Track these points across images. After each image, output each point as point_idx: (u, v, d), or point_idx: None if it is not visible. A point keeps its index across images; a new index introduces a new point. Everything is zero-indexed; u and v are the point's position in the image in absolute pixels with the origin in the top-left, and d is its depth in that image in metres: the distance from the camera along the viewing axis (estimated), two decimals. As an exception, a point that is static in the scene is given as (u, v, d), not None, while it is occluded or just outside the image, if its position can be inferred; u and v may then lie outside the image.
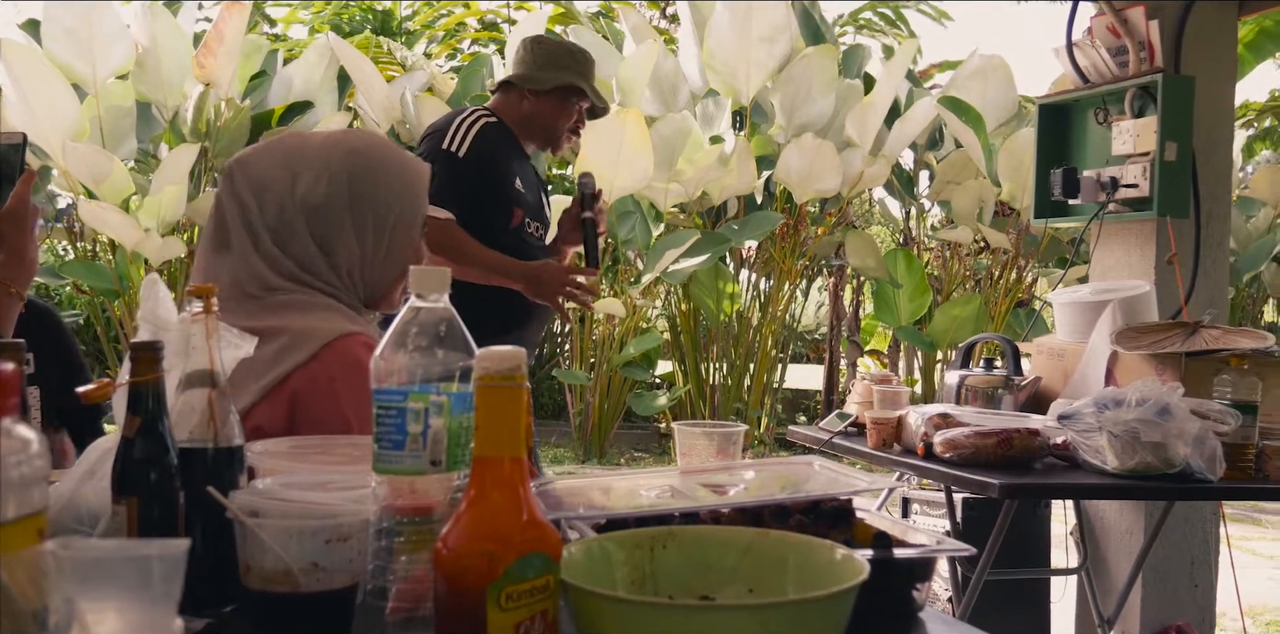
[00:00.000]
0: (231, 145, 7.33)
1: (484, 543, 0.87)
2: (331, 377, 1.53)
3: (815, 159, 7.10)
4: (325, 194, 1.62)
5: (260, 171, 1.64)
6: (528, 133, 3.15)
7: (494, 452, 0.90)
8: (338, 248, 1.64)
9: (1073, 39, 3.53)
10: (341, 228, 1.64)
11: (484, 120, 3.07)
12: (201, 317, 1.15)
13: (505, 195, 3.04)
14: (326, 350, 1.54)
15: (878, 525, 1.24)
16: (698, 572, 1.03)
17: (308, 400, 1.53)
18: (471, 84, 7.94)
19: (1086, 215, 3.49)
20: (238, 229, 1.62)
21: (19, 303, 1.76)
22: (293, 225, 1.62)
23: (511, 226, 3.04)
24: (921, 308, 7.85)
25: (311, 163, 1.65)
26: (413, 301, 1.06)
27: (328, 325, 1.57)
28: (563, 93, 3.13)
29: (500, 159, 3.04)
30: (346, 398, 1.52)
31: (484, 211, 2.99)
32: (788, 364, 8.97)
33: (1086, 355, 2.98)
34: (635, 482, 1.42)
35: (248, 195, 1.63)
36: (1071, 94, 3.57)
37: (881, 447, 2.80)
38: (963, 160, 7.55)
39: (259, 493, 1.05)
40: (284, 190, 1.62)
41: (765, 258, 8.24)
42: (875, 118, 7.29)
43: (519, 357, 0.91)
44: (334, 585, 0.99)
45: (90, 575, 0.72)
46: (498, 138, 3.07)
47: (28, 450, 0.68)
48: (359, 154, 1.67)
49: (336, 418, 1.51)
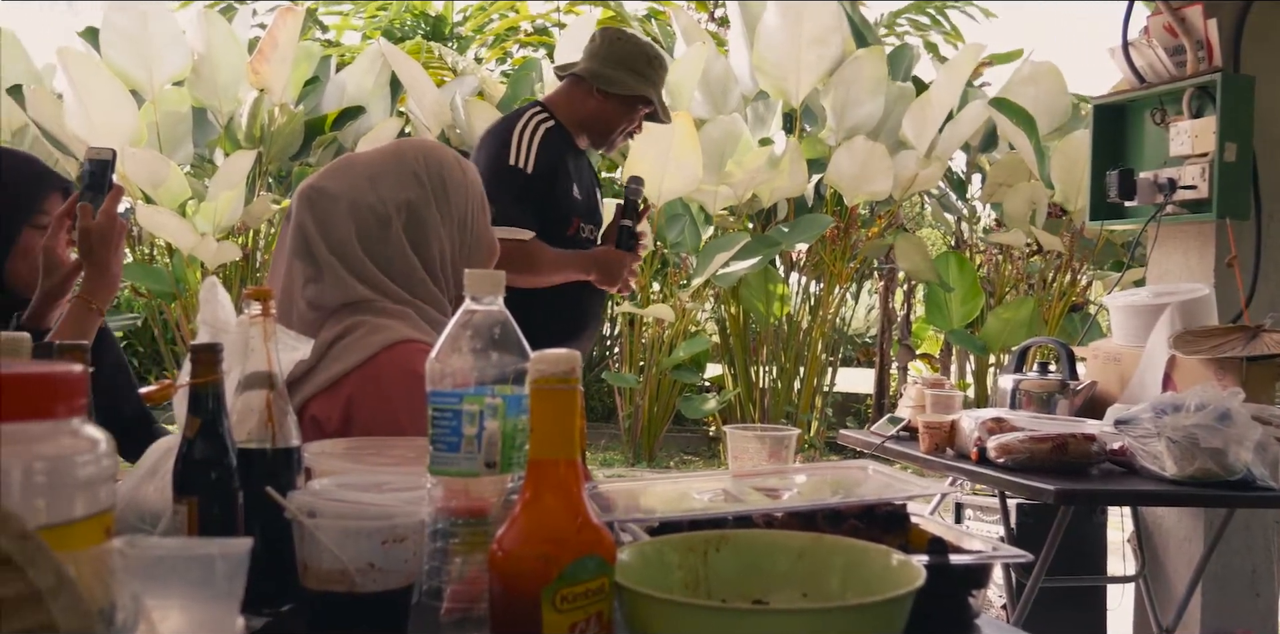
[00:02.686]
0: (285, 150, 7.41)
1: (539, 545, 0.88)
2: (386, 381, 1.55)
3: (866, 161, 7.06)
4: (412, 194, 1.68)
5: (343, 190, 1.68)
6: (584, 130, 3.07)
7: (549, 454, 0.91)
8: (430, 244, 1.69)
9: (1128, 39, 3.49)
10: (432, 224, 1.69)
11: (543, 127, 2.98)
12: (260, 319, 1.16)
13: (565, 206, 2.99)
14: (384, 354, 1.57)
15: (933, 531, 1.23)
16: (751, 576, 1.03)
17: (362, 402, 1.55)
18: (521, 88, 7.98)
19: (1143, 217, 3.45)
20: (323, 252, 1.64)
21: (99, 318, 1.78)
22: (385, 232, 1.66)
23: (568, 234, 3.01)
24: (973, 311, 7.78)
25: (391, 170, 1.70)
26: (467, 304, 1.06)
27: (384, 333, 1.59)
28: (631, 99, 3.04)
29: (561, 169, 2.98)
30: (400, 403, 1.54)
31: (545, 223, 2.94)
32: (838, 368, 8.93)
33: (1144, 359, 2.94)
34: (687, 485, 1.42)
35: (336, 215, 1.65)
36: (1127, 94, 3.53)
37: (934, 451, 2.78)
38: (1015, 162, 7.48)
39: (316, 493, 1.06)
40: (373, 201, 1.66)
41: (815, 261, 8.21)
42: (933, 120, 7.24)
43: (574, 360, 0.91)
44: (390, 586, 1.00)
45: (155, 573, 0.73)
46: (558, 144, 3.00)
47: (96, 450, 0.69)
48: (432, 155, 1.74)
49: (390, 423, 1.53)
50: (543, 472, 0.90)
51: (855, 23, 8.11)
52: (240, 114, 7.40)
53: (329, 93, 7.92)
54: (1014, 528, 3.29)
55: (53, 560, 0.58)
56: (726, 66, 7.89)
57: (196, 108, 7.39)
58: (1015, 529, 3.29)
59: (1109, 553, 3.59)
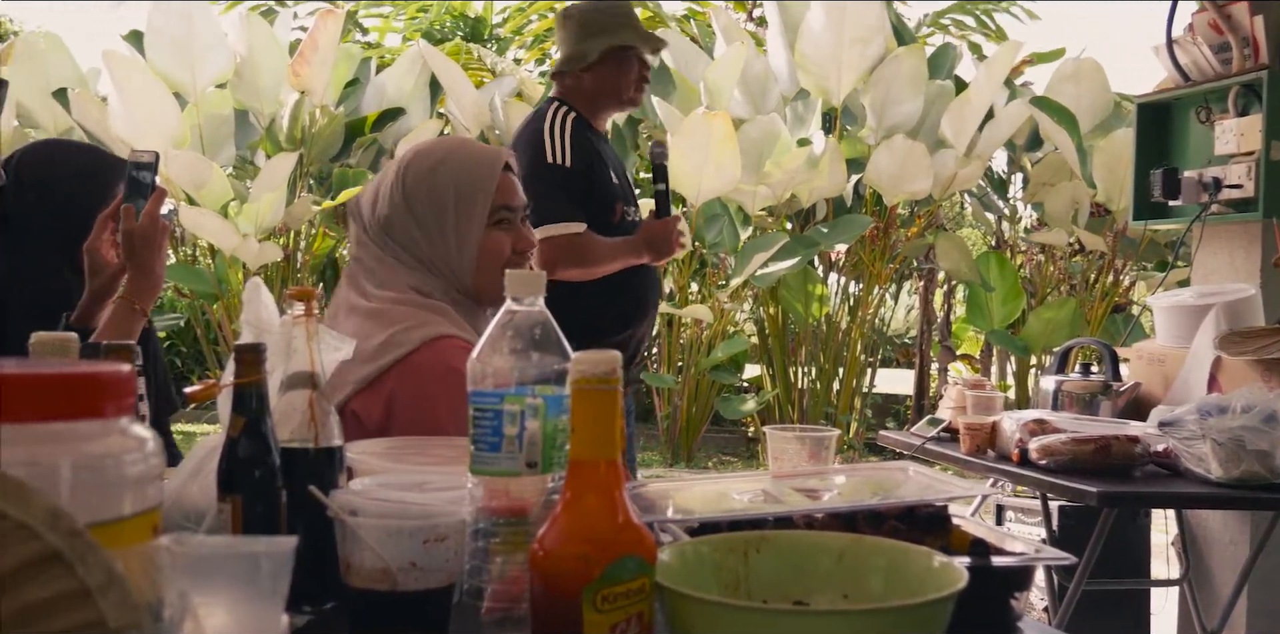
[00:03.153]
0: (326, 152, 7.47)
1: (580, 545, 0.88)
2: (427, 377, 1.57)
3: (906, 160, 7.02)
4: (389, 204, 1.74)
5: (360, 203, 1.80)
6: (601, 107, 3.09)
7: (590, 454, 0.91)
8: (417, 250, 1.74)
9: (1173, 36, 3.45)
10: (409, 230, 1.74)
11: (569, 119, 3.02)
12: (302, 320, 1.17)
13: (607, 193, 3.01)
14: (423, 349, 1.60)
15: (975, 532, 1.23)
16: (791, 577, 1.03)
17: (403, 398, 1.57)
18: (560, 89, 7.99)
19: (1187, 217, 3.41)
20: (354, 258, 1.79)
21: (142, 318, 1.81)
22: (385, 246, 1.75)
23: (614, 221, 3.01)
24: (1014, 312, 7.72)
25: (379, 186, 1.79)
26: (508, 304, 1.07)
27: (422, 329, 1.63)
28: (610, 56, 3.05)
29: (596, 158, 3.01)
30: (441, 399, 1.56)
31: (591, 213, 2.96)
32: (877, 368, 8.89)
33: (1189, 360, 2.91)
34: (727, 485, 1.42)
35: (356, 227, 1.80)
36: (1172, 92, 3.49)
37: (975, 452, 2.76)
38: (1057, 162, 7.42)
39: (358, 493, 1.07)
40: (368, 218, 1.77)
41: (854, 261, 8.18)
42: (972, 118, 7.19)
43: (615, 360, 0.91)
44: (431, 585, 1.01)
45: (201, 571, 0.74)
46: (583, 135, 3.03)
47: (144, 449, 0.70)
48: (413, 160, 1.78)
49: (430, 419, 1.55)
50: (584, 472, 0.90)
51: (894, 21, 8.07)
52: (281, 116, 7.46)
53: (369, 94, 7.97)
54: (1056, 530, 3.26)
55: (103, 557, 0.59)
56: (766, 66, 7.87)
57: (238, 110, 7.46)
58: (1057, 531, 3.26)
59: (1153, 556, 3.55)
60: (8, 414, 0.67)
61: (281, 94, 7.43)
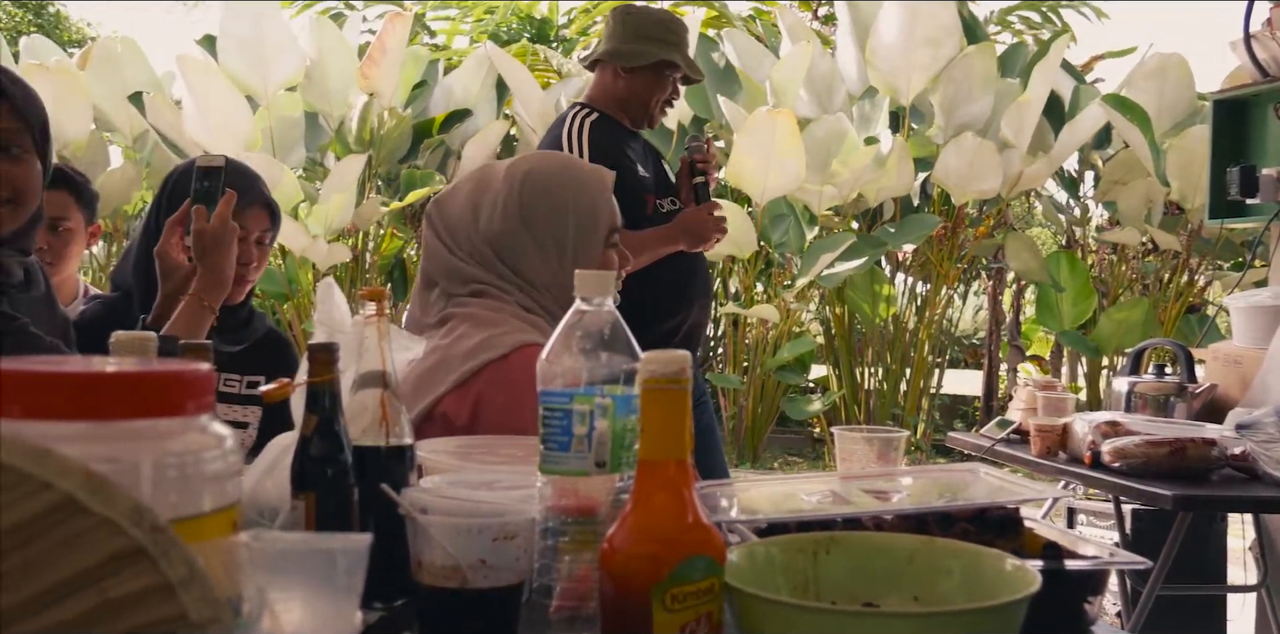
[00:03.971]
0: (394, 153, 7.54)
1: (649, 545, 0.88)
2: (517, 382, 1.58)
3: (974, 159, 6.95)
4: (502, 221, 1.71)
5: (451, 211, 1.76)
6: (623, 112, 3.09)
7: (659, 454, 0.91)
8: (526, 270, 1.73)
9: (1250, 31, 3.38)
10: (525, 250, 1.72)
11: (588, 122, 3.03)
12: (374, 319, 1.19)
13: (634, 188, 2.98)
14: (517, 354, 1.60)
15: (1047, 535, 1.21)
16: (861, 578, 1.02)
17: (491, 401, 1.59)
18: (624, 89, 8.00)
19: (1265, 215, 3.33)
20: (441, 268, 1.74)
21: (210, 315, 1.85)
22: (485, 258, 1.72)
23: (647, 214, 3.01)
24: (1086, 312, 7.61)
25: (488, 199, 1.74)
26: (577, 305, 1.07)
27: (517, 335, 1.64)
28: (655, 67, 3.04)
29: (618, 155, 2.99)
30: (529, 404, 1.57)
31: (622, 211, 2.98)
32: (944, 369, 8.80)
33: (1267, 362, 2.85)
34: (795, 486, 1.41)
35: (445, 235, 1.75)
36: (1249, 88, 3.42)
37: (1046, 454, 2.73)
38: (1130, 160, 7.29)
39: (429, 491, 1.08)
40: (470, 231, 1.73)
41: (922, 261, 8.10)
42: (1031, 117, 7.09)
43: (684, 360, 0.91)
44: (501, 583, 1.01)
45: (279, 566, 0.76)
46: (607, 133, 3.03)
47: (223, 446, 0.72)
48: (529, 176, 1.75)
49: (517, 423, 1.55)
50: (653, 472, 0.91)
51: (965, 19, 7.97)
52: (350, 118, 7.55)
53: (436, 96, 8.03)
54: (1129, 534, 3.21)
55: (185, 552, 0.60)
56: (832, 65, 7.82)
57: (308, 112, 7.55)
58: (1130, 535, 3.21)
59: (1229, 561, 3.48)
60: (91, 411, 0.68)
61: (350, 96, 7.51)
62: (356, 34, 8.15)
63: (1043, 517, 3.14)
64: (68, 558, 0.60)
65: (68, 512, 0.60)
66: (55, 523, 0.60)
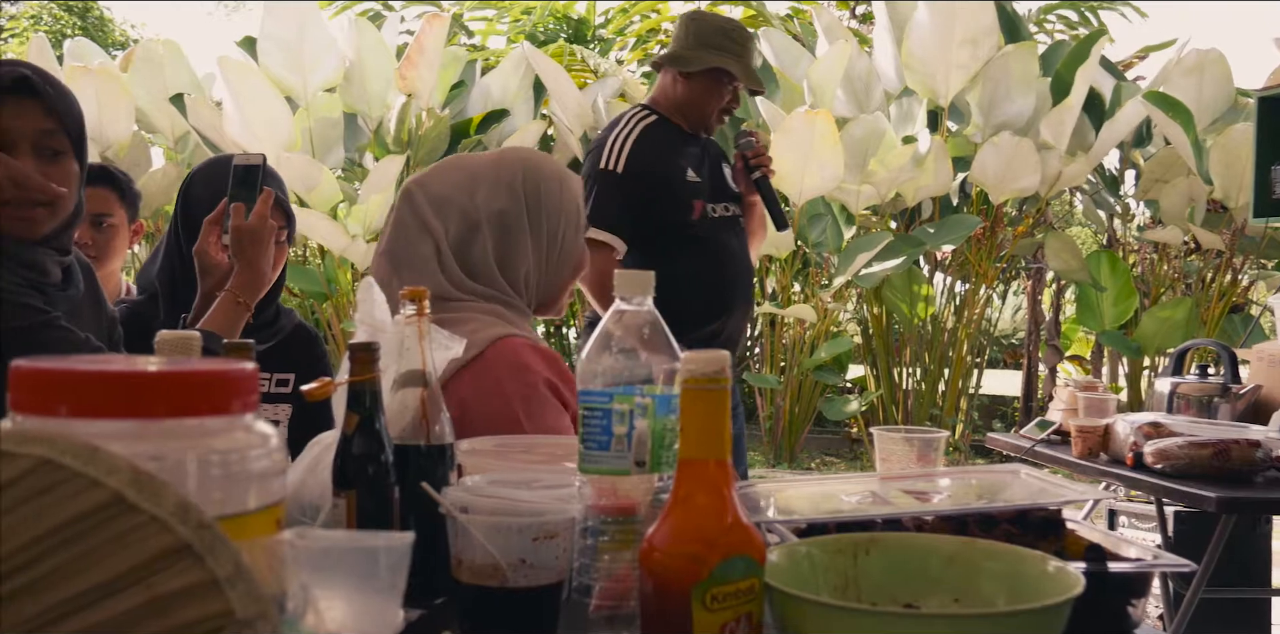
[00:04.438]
0: (432, 154, 7.56)
1: (689, 544, 0.88)
2: (498, 378, 1.60)
3: (1013, 158, 6.89)
4: (505, 205, 1.72)
5: (441, 190, 1.73)
6: (682, 116, 3.09)
7: (699, 454, 0.91)
8: (514, 257, 1.73)
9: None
10: (520, 237, 1.73)
11: (640, 126, 3.04)
12: (415, 319, 1.19)
13: (678, 194, 2.99)
14: (490, 351, 1.61)
15: (1090, 537, 1.20)
16: (901, 579, 1.02)
17: (475, 402, 1.58)
18: (662, 89, 8.00)
19: (1311, 214, 3.29)
20: (418, 246, 1.70)
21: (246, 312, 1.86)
22: (473, 238, 1.71)
23: (693, 219, 3.00)
24: (1127, 312, 7.53)
25: (489, 177, 1.74)
26: (617, 304, 1.07)
27: (486, 330, 1.64)
28: (713, 74, 3.03)
29: (663, 161, 3.01)
30: (516, 397, 1.58)
31: (663, 215, 2.97)
32: (983, 370, 8.74)
33: (1312, 363, 2.81)
34: (835, 486, 1.41)
35: (429, 213, 1.71)
36: (1295, 86, 3.37)
37: (1087, 455, 2.71)
38: (1171, 158, 7.21)
39: (469, 489, 1.08)
40: (466, 205, 1.71)
41: (960, 260, 8.05)
42: (1070, 119, 7.03)
43: (724, 360, 0.91)
44: (541, 582, 1.02)
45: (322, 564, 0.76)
46: (655, 138, 3.03)
47: (268, 445, 0.72)
48: (531, 167, 1.76)
49: (508, 417, 1.57)
50: (693, 471, 0.91)
51: (1009, 15, 7.90)
52: (389, 119, 7.59)
53: (474, 97, 8.06)
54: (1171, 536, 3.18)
55: (231, 549, 0.61)
56: (869, 64, 7.78)
57: (347, 113, 7.60)
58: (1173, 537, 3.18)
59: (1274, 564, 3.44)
60: (138, 410, 0.69)
61: (389, 97, 7.55)
62: (395, 35, 8.19)
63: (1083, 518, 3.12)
64: (116, 555, 0.60)
65: (116, 509, 0.61)
66: (104, 520, 0.61)
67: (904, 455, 1.60)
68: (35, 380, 0.69)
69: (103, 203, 2.64)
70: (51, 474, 0.62)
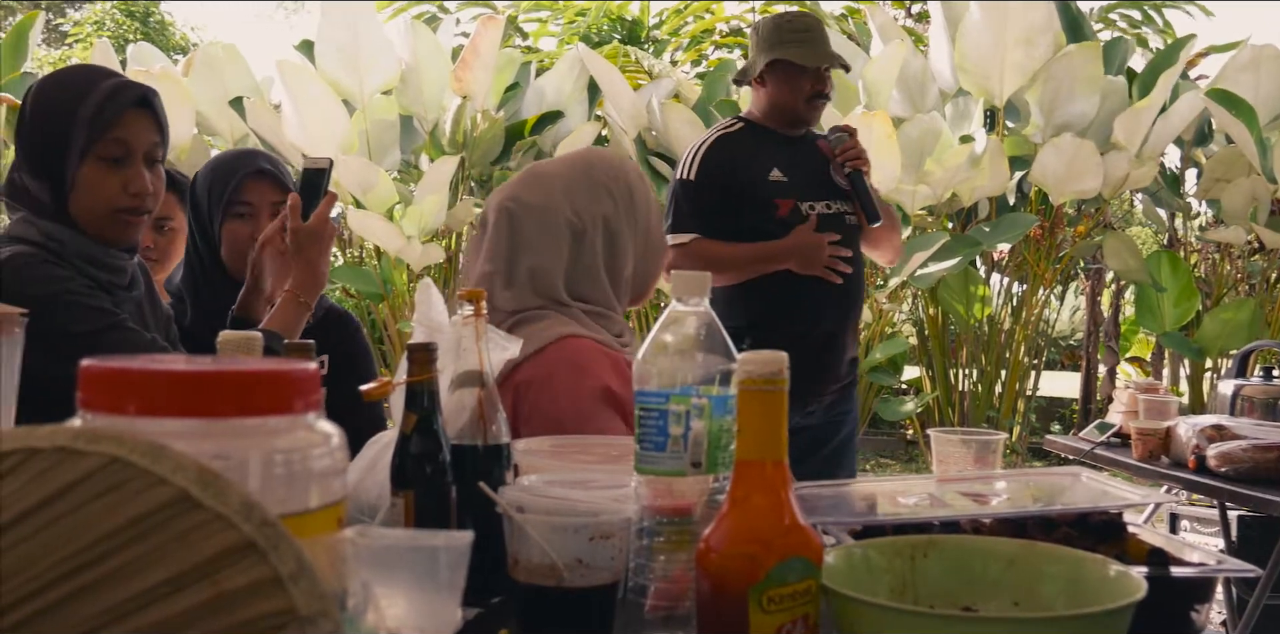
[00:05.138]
0: (486, 155, 7.61)
1: (746, 545, 0.88)
2: (551, 373, 1.64)
3: (1074, 159, 6.80)
4: (606, 208, 1.77)
5: (539, 202, 1.77)
6: (772, 119, 3.10)
7: (756, 455, 0.91)
8: (621, 257, 1.79)
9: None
10: (624, 237, 1.80)
11: (716, 135, 3.10)
12: (472, 320, 1.20)
13: (757, 194, 3.00)
14: (551, 348, 1.66)
15: (1152, 541, 1.18)
16: (960, 582, 1.01)
17: (528, 391, 1.64)
18: (716, 90, 7.98)
19: (1380, 213, 3.23)
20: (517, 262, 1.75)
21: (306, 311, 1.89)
22: (581, 246, 1.76)
23: (779, 216, 2.99)
24: (1188, 313, 7.41)
25: (582, 183, 1.79)
26: (674, 306, 1.07)
27: (554, 329, 1.69)
28: (779, 68, 3.04)
29: (739, 164, 3.03)
30: (561, 391, 1.63)
31: (740, 215, 2.99)
32: (1041, 371, 8.64)
33: (1381, 365, 2.76)
34: (892, 488, 1.40)
35: (534, 229, 1.75)
36: (1363, 83, 3.31)
37: (1148, 458, 2.67)
38: (1233, 156, 7.09)
39: (526, 489, 1.09)
40: (568, 214, 1.75)
41: (1018, 261, 7.96)
42: (1146, 122, 6.92)
43: (781, 361, 0.91)
44: (597, 581, 1.02)
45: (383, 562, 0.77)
46: (733, 144, 3.07)
47: (329, 444, 0.73)
48: (617, 166, 1.84)
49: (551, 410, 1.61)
50: (750, 472, 0.90)
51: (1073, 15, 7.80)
52: (444, 121, 7.63)
53: (529, 98, 8.09)
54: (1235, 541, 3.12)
55: (294, 547, 0.62)
56: (924, 64, 7.71)
57: (403, 115, 7.65)
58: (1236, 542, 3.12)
59: (1341, 570, 3.36)
60: (203, 409, 0.70)
61: (444, 99, 7.60)
62: (450, 37, 8.24)
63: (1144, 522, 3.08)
64: (182, 552, 0.61)
65: (182, 506, 0.62)
66: (170, 517, 0.62)
67: (961, 458, 1.59)
68: (104, 380, 0.71)
69: (164, 206, 2.67)
70: (119, 472, 0.63)
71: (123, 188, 1.68)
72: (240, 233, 2.12)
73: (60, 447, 0.64)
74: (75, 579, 0.62)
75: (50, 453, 0.64)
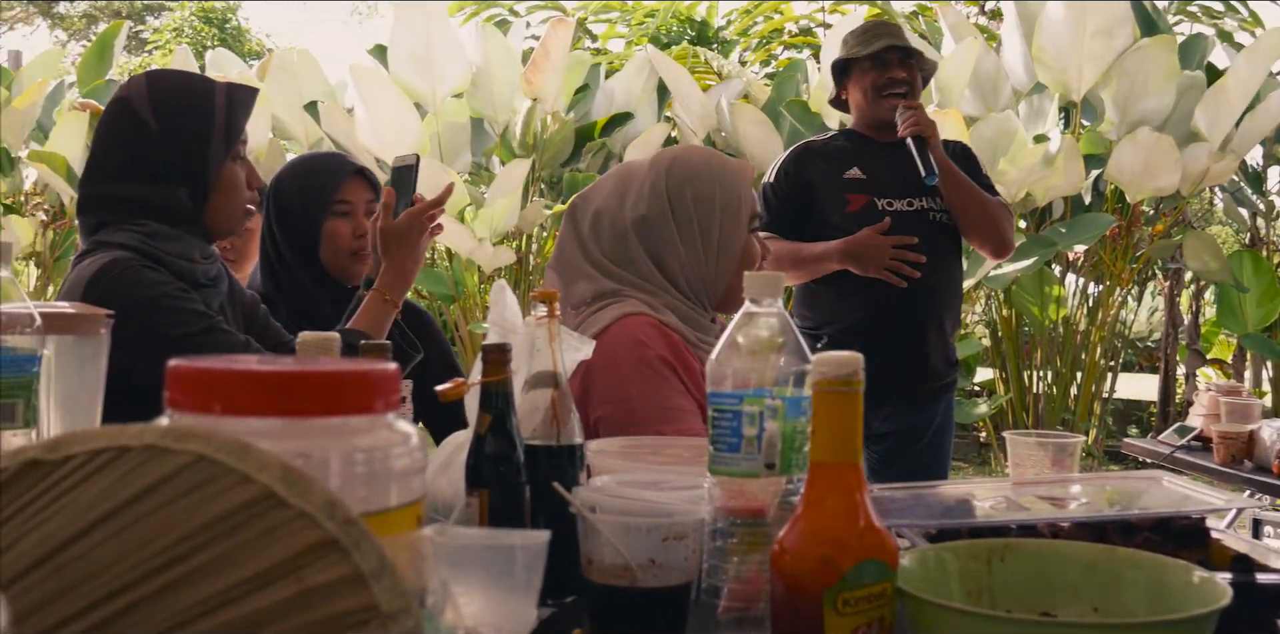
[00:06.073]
0: (557, 157, 7.65)
1: (821, 547, 0.88)
2: (614, 350, 1.66)
3: (1151, 155, 6.67)
4: (648, 207, 1.79)
5: (597, 202, 1.84)
6: (864, 126, 3.13)
7: (830, 457, 0.90)
8: (667, 255, 1.79)
9: None
10: (667, 235, 1.79)
11: (806, 141, 3.21)
12: (545, 321, 1.21)
13: (830, 190, 3.03)
14: (615, 327, 1.70)
15: (1236, 547, 1.16)
16: (1037, 587, 1.00)
17: (594, 372, 1.65)
18: (786, 90, 7.95)
19: None
20: (578, 257, 1.82)
21: (394, 309, 1.92)
22: (626, 244, 1.79)
23: (849, 211, 2.99)
24: (1271, 313, 7.25)
25: (637, 182, 1.82)
26: (746, 306, 1.07)
27: (621, 307, 1.73)
28: (840, 77, 3.12)
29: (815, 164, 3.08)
30: (628, 368, 1.67)
31: (813, 212, 3.04)
32: (1118, 373, 8.49)
33: None
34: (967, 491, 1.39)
35: (586, 225, 1.82)
36: None
37: (1230, 462, 2.62)
38: (1319, 153, 6.93)
39: (599, 490, 1.09)
40: (615, 213, 1.81)
41: (1094, 261, 7.83)
42: (1230, 111, 6.76)
43: (856, 362, 0.91)
44: (670, 582, 1.02)
45: (461, 561, 0.78)
46: (818, 147, 3.14)
47: (408, 443, 0.74)
48: (675, 165, 1.83)
49: (619, 388, 1.66)
50: (825, 474, 0.90)
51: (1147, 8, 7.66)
52: (515, 123, 7.68)
53: (598, 100, 8.11)
54: (1320, 548, 3.05)
55: (375, 545, 0.63)
56: (997, 62, 7.62)
57: (474, 118, 7.71)
58: (1322, 549, 3.05)
59: None
60: (286, 408, 0.71)
61: (515, 102, 7.65)
62: (520, 40, 8.30)
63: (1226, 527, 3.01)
64: (267, 549, 0.63)
65: (266, 504, 0.63)
66: (255, 515, 0.63)
67: (1038, 460, 1.57)
68: (191, 380, 0.72)
69: None
70: (206, 470, 0.64)
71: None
72: (342, 231, 2.16)
73: (149, 445, 0.66)
74: (163, 575, 0.63)
75: (139, 451, 0.66)
